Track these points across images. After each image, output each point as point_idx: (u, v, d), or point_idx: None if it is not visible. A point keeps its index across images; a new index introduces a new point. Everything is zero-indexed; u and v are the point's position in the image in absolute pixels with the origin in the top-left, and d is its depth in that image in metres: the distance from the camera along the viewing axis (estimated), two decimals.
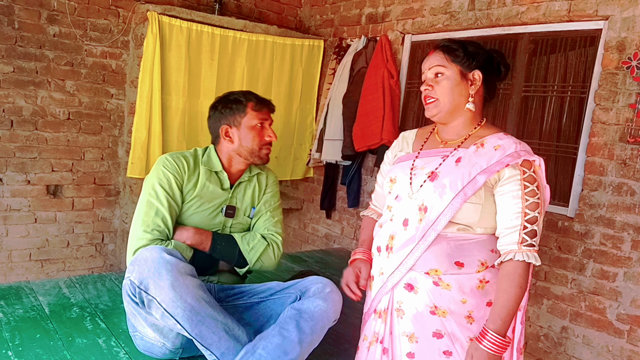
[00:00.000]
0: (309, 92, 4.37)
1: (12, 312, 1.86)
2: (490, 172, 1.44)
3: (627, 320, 2.57)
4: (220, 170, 1.88)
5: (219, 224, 1.89)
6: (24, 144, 3.51)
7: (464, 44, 1.55)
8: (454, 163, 1.50)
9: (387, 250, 1.55)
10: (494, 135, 1.51)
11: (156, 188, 1.76)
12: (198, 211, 1.84)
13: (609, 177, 2.63)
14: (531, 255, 1.41)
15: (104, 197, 3.89)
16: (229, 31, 3.84)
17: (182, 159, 1.83)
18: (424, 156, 1.59)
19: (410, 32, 3.68)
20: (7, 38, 3.33)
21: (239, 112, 1.85)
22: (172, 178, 1.77)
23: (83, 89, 3.66)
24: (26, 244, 3.64)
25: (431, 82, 1.55)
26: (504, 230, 1.46)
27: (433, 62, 1.55)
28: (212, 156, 1.90)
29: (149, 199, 1.75)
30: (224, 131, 1.87)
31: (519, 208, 1.43)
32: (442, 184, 1.47)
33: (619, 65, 2.58)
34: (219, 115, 1.88)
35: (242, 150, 1.87)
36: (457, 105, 1.53)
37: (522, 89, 3.08)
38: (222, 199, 1.89)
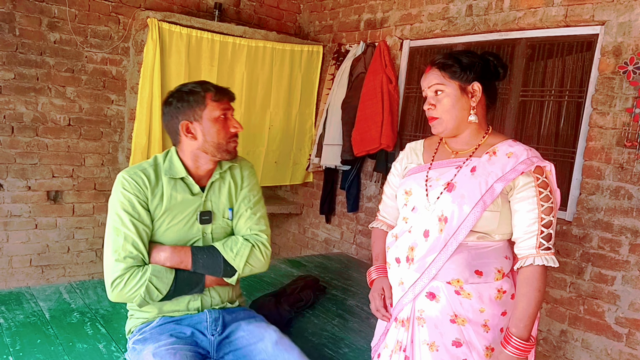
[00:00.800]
0: (308, 97, 4.39)
1: (13, 318, 1.87)
2: (506, 180, 1.47)
3: (625, 324, 2.58)
4: (185, 176, 1.69)
5: (197, 234, 1.71)
6: (25, 150, 3.53)
7: (457, 58, 1.55)
8: (469, 172, 1.52)
9: (408, 261, 1.56)
10: (504, 143, 1.53)
11: (119, 213, 1.61)
12: (172, 225, 1.67)
13: (607, 181, 2.65)
14: (549, 258, 1.46)
15: (104, 203, 3.90)
16: (229, 37, 3.86)
17: (141, 174, 1.65)
18: (437, 167, 1.60)
19: (408, 38, 3.71)
20: (8, 45, 3.35)
21: (197, 104, 1.64)
22: (134, 198, 1.61)
23: (83, 95, 3.68)
24: (27, 249, 3.65)
25: (432, 101, 1.56)
26: (522, 235, 1.49)
27: (432, 81, 1.56)
28: (174, 161, 1.70)
29: (115, 225, 1.61)
30: (184, 127, 1.65)
31: (536, 214, 1.47)
32: (460, 194, 1.49)
33: (615, 69, 2.60)
34: (175, 110, 1.66)
35: (208, 147, 1.66)
36: (461, 120, 1.55)
37: (520, 94, 3.10)
38: (195, 205, 1.70)
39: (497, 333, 1.49)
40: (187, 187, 1.70)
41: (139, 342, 1.60)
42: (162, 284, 1.58)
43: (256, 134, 4.17)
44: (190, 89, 1.67)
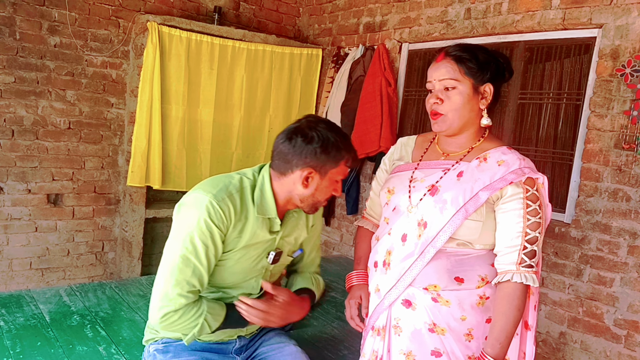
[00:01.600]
0: (307, 100, 4.40)
1: (13, 321, 1.87)
2: (493, 189, 1.37)
3: (624, 326, 2.58)
4: (274, 217, 1.53)
5: (260, 270, 1.60)
6: (25, 153, 3.54)
7: (475, 52, 1.43)
8: (455, 177, 1.43)
9: (385, 265, 1.49)
10: (498, 149, 1.44)
11: (196, 242, 1.41)
12: (241, 260, 1.54)
13: (605, 183, 2.66)
14: (529, 276, 1.36)
15: (104, 206, 3.91)
16: (228, 41, 3.88)
17: (229, 203, 1.45)
18: (424, 167, 1.51)
19: (407, 41, 3.72)
20: (9, 49, 3.37)
21: (333, 161, 1.48)
22: (216, 231, 1.42)
23: (83, 98, 3.69)
24: (27, 252, 3.66)
25: (441, 96, 1.43)
26: (503, 249, 1.40)
27: (444, 74, 1.42)
28: (267, 196, 1.52)
29: (186, 254, 1.41)
30: (306, 174, 1.47)
31: (520, 227, 1.38)
32: (442, 199, 1.41)
33: (613, 72, 2.62)
34: (312, 152, 1.45)
35: (309, 200, 1.52)
36: (467, 121, 1.44)
37: (518, 97, 3.11)
38: (269, 243, 1.57)
39: (481, 342, 1.41)
40: (270, 225, 1.55)
41: (160, 352, 1.56)
42: (214, 321, 1.47)
43: (256, 137, 4.18)
44: (336, 143, 1.48)
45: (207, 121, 3.89)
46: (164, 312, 1.40)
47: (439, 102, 1.43)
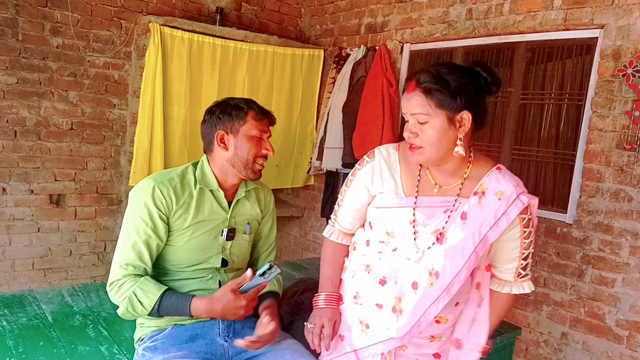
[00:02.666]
0: (309, 101, 4.40)
1: (16, 321, 1.88)
2: (499, 228, 1.42)
3: (626, 326, 2.58)
4: (216, 189, 1.70)
5: (217, 248, 1.72)
6: (27, 154, 3.55)
7: (445, 80, 1.35)
8: (460, 221, 1.42)
9: (395, 312, 1.48)
10: (491, 176, 1.44)
11: (136, 220, 1.59)
12: (194, 237, 1.67)
13: (607, 183, 2.66)
14: (526, 285, 1.54)
15: (106, 206, 3.92)
16: (230, 42, 3.88)
17: (169, 185, 1.63)
18: (423, 207, 1.46)
19: (408, 42, 3.72)
20: (11, 50, 3.38)
21: (238, 119, 1.67)
22: (155, 210, 1.59)
23: (86, 99, 3.70)
24: (29, 253, 3.67)
25: (415, 129, 1.39)
26: (501, 266, 1.54)
27: (415, 108, 1.37)
28: (206, 171, 1.72)
29: (128, 230, 1.61)
30: (219, 137, 1.68)
31: (518, 252, 1.49)
32: (452, 247, 1.41)
33: (614, 72, 2.61)
34: (216, 120, 1.70)
35: (236, 161, 1.68)
36: (447, 152, 1.40)
37: (520, 97, 3.11)
38: (221, 219, 1.71)
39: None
40: (216, 201, 1.71)
41: (149, 349, 1.59)
42: (147, 300, 1.53)
43: None
44: (235, 103, 1.70)
45: None
46: (109, 282, 1.59)
47: (412, 136, 1.40)
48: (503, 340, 2.27)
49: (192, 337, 1.64)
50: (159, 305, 1.53)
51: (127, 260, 1.58)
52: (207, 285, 1.70)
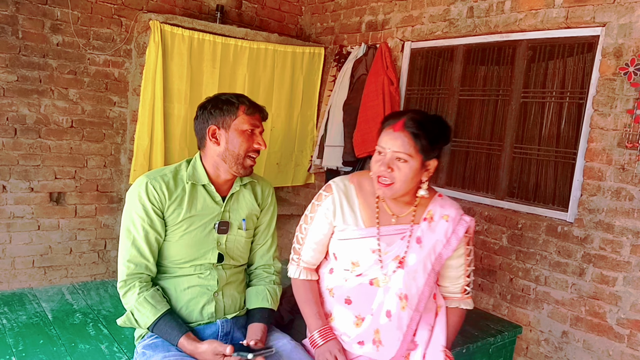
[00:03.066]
0: (309, 99, 4.39)
1: (16, 319, 1.88)
2: (450, 247, 1.66)
3: (627, 325, 2.58)
4: (207, 184, 1.72)
5: (212, 243, 1.73)
6: (28, 152, 3.54)
7: (428, 130, 1.57)
8: (416, 245, 1.64)
9: (375, 343, 1.63)
10: (436, 203, 1.69)
11: (133, 216, 1.64)
12: (188, 231, 1.69)
13: (608, 182, 2.65)
14: (469, 302, 1.81)
15: (106, 204, 3.92)
16: (231, 39, 3.87)
17: (161, 181, 1.67)
18: (384, 235, 1.66)
19: (409, 40, 3.71)
20: (11, 47, 3.37)
21: (229, 113, 1.69)
22: (149, 205, 1.64)
23: (86, 97, 3.70)
24: (29, 251, 3.67)
25: (392, 165, 1.56)
26: (449, 285, 1.78)
27: (400, 147, 1.54)
28: (198, 167, 1.74)
29: (128, 227, 1.65)
30: (211, 132, 1.70)
31: (463, 269, 1.75)
32: (414, 269, 1.62)
33: (616, 71, 2.61)
34: (208, 115, 1.72)
35: (228, 155, 1.69)
36: (411, 190, 1.63)
37: (521, 95, 3.10)
38: (214, 214, 1.73)
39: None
40: (209, 195, 1.73)
41: (149, 347, 1.60)
42: (142, 319, 1.58)
43: None
44: (226, 98, 1.72)
45: None
46: (119, 281, 1.62)
47: (389, 171, 1.56)
48: (504, 338, 2.28)
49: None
50: (153, 327, 1.58)
51: (129, 256, 1.62)
52: (206, 282, 1.72)
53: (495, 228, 3.14)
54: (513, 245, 3.05)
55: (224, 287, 1.75)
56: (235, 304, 1.79)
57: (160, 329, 1.57)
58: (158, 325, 1.56)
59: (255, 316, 1.75)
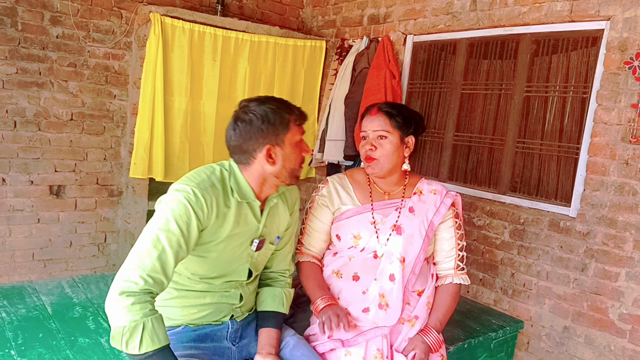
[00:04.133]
0: (311, 92, 4.37)
1: (15, 312, 1.87)
2: (440, 214, 1.82)
3: (629, 320, 2.57)
4: (253, 200, 1.56)
5: (246, 258, 1.61)
6: (27, 144, 3.52)
7: (400, 110, 1.81)
8: (409, 213, 1.80)
9: (382, 307, 1.72)
10: (422, 182, 1.88)
11: (171, 225, 1.39)
12: (226, 250, 1.54)
13: (611, 177, 2.63)
14: (464, 278, 1.88)
15: (106, 198, 3.90)
16: (231, 32, 3.85)
17: (211, 193, 1.46)
18: (379, 209, 1.82)
19: (412, 33, 3.69)
20: (11, 39, 3.35)
21: (282, 127, 1.50)
22: (194, 218, 1.42)
23: (86, 90, 3.67)
24: (29, 244, 3.66)
25: (375, 143, 1.78)
26: (443, 259, 1.88)
27: (378, 126, 1.78)
28: (241, 182, 1.55)
29: (159, 235, 1.38)
30: (267, 152, 1.50)
31: (454, 241, 1.85)
32: (410, 234, 1.77)
33: (621, 65, 2.58)
34: (258, 132, 1.49)
35: (283, 172, 1.54)
36: (395, 165, 1.81)
37: (524, 90, 3.08)
38: (253, 230, 1.58)
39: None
40: (251, 212, 1.57)
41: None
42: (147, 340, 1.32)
43: None
44: (274, 111, 1.50)
45: (210, 113, 3.87)
46: (120, 289, 1.33)
47: (373, 149, 1.78)
48: (506, 333, 2.26)
49: (200, 338, 1.61)
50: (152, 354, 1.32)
51: (150, 269, 1.35)
52: (228, 300, 1.63)
53: (497, 223, 3.13)
54: (515, 240, 3.04)
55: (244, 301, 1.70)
56: (248, 308, 1.75)
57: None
58: (161, 353, 1.34)
59: (270, 320, 1.67)
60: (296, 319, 2.05)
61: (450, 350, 2.00)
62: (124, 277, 1.35)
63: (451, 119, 3.48)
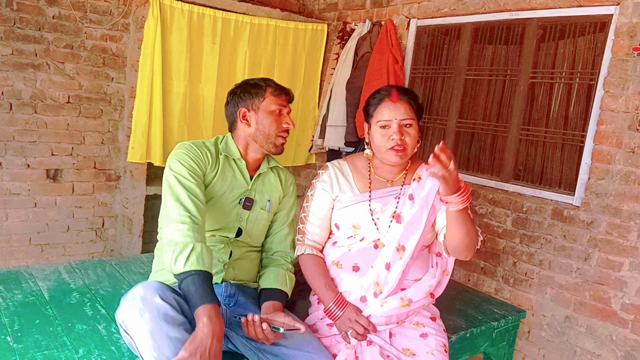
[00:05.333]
0: (311, 77, 4.31)
1: (12, 297, 1.84)
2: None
3: (632, 310, 2.55)
4: (238, 158, 1.82)
5: (235, 217, 1.81)
6: (24, 127, 3.47)
7: (413, 95, 1.78)
8: (408, 201, 1.75)
9: (376, 296, 1.70)
10: (422, 167, 1.82)
11: (177, 166, 1.66)
12: (216, 201, 1.76)
13: (617, 165, 2.59)
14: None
15: (104, 182, 3.86)
16: (231, 14, 3.77)
17: (205, 149, 1.77)
18: (377, 197, 1.78)
19: (415, 17, 3.62)
20: (6, 20, 3.27)
21: (257, 96, 1.81)
22: (195, 164, 1.70)
23: (83, 72, 3.61)
24: (26, 228, 3.62)
25: (403, 132, 1.72)
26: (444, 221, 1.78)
27: (404, 114, 1.72)
28: (230, 143, 1.85)
29: (170, 180, 1.64)
30: (242, 114, 1.82)
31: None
32: (410, 222, 1.72)
33: (629, 51, 2.53)
34: (238, 99, 1.84)
35: (259, 135, 1.80)
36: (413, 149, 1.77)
37: (529, 76, 3.03)
38: (242, 190, 1.82)
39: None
40: (239, 170, 1.83)
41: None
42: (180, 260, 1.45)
43: None
44: (254, 82, 1.84)
45: (209, 97, 3.81)
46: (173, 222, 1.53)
47: (403, 137, 1.71)
48: (508, 323, 2.24)
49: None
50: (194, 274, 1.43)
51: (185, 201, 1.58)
52: (218, 255, 1.78)
53: (500, 211, 3.09)
54: (517, 229, 3.01)
55: (235, 261, 1.80)
56: (243, 274, 1.83)
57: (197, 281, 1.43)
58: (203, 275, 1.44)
59: (274, 296, 1.75)
60: (296, 305, 2.02)
61: (452, 340, 1.98)
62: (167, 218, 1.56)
63: (454, 105, 3.43)
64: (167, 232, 1.53)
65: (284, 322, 1.57)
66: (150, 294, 1.42)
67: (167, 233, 1.53)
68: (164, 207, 1.62)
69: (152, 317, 1.36)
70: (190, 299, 1.42)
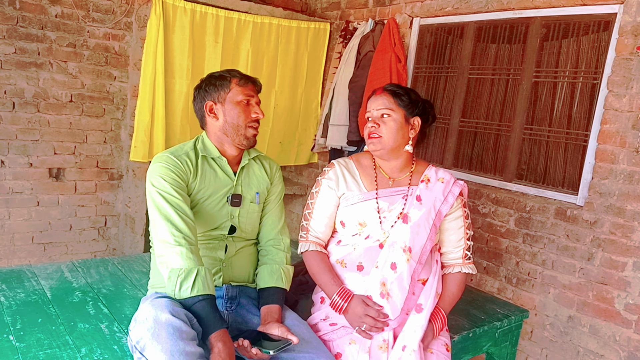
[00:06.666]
0: (314, 76, 4.30)
1: (14, 296, 1.84)
2: (448, 203, 1.78)
3: (635, 311, 2.54)
4: (218, 156, 1.77)
5: (226, 216, 1.77)
6: (26, 126, 3.47)
7: (408, 91, 1.78)
8: (416, 202, 1.75)
9: (383, 297, 1.67)
10: (431, 170, 1.83)
11: (163, 183, 1.62)
12: (203, 204, 1.73)
13: (620, 165, 2.58)
14: (471, 267, 1.86)
15: (106, 181, 3.86)
16: (234, 13, 3.77)
17: (185, 158, 1.71)
18: (384, 196, 1.78)
19: (418, 16, 3.61)
20: (9, 18, 3.28)
21: (223, 87, 1.75)
22: (176, 176, 1.65)
23: (85, 71, 3.61)
24: (29, 227, 3.63)
25: (378, 121, 1.74)
26: (451, 249, 1.85)
27: (381, 105, 1.75)
28: (207, 142, 1.79)
29: (154, 196, 1.60)
30: (209, 108, 1.76)
31: (463, 231, 1.83)
32: (416, 224, 1.72)
33: (633, 50, 2.52)
34: (204, 93, 1.78)
35: (228, 128, 1.74)
36: (399, 146, 1.76)
37: (533, 75, 3.02)
38: (227, 187, 1.78)
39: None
40: (220, 169, 1.78)
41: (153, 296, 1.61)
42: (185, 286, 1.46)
43: None
44: (218, 74, 1.78)
45: None
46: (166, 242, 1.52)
47: (376, 126, 1.74)
48: (511, 322, 2.24)
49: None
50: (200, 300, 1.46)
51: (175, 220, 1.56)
52: (214, 252, 1.75)
53: (503, 211, 3.09)
54: (520, 229, 3.00)
55: (232, 258, 1.78)
56: (243, 273, 1.81)
57: (207, 307, 1.46)
58: (210, 300, 1.47)
59: (270, 297, 1.73)
60: (299, 305, 2.02)
61: (455, 340, 1.98)
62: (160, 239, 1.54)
63: (457, 104, 3.42)
64: (164, 255, 1.53)
65: (278, 334, 1.55)
66: (162, 313, 1.40)
67: (165, 257, 1.52)
68: (153, 225, 1.60)
69: (169, 335, 1.35)
70: (202, 325, 1.46)
